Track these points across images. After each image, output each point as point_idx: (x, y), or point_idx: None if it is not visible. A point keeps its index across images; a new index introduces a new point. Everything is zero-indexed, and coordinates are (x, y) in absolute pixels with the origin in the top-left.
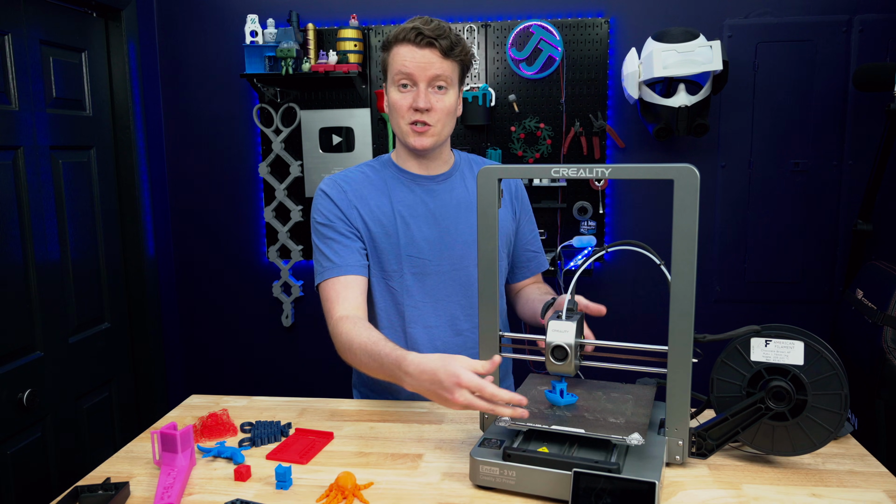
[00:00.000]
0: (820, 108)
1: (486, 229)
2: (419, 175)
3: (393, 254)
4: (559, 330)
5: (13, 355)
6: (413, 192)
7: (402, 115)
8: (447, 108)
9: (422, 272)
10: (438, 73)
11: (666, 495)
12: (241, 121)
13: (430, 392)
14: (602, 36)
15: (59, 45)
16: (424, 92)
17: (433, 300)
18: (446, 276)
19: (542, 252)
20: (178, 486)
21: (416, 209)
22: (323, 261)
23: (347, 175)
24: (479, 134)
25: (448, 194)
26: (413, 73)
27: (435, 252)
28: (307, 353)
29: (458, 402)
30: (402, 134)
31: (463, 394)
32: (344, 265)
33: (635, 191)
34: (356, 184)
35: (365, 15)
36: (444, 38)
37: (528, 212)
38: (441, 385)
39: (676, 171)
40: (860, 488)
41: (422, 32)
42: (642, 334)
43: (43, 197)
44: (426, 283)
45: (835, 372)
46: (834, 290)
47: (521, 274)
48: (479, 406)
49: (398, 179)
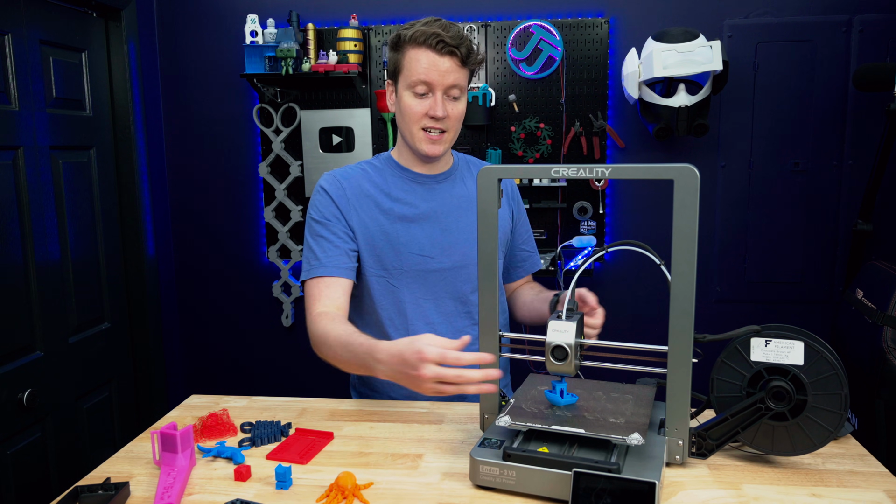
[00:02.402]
0: (820, 108)
1: (487, 229)
2: (420, 174)
3: (394, 252)
4: (559, 330)
5: (13, 355)
6: (414, 191)
7: (416, 121)
8: (460, 115)
9: (423, 270)
10: (456, 82)
11: (666, 495)
12: (241, 121)
13: (401, 376)
14: (602, 36)
15: (59, 45)
16: (442, 101)
17: (434, 298)
18: (448, 273)
19: (535, 252)
20: (178, 486)
21: (417, 207)
22: (311, 258)
23: (348, 172)
24: (479, 134)
25: (449, 192)
26: (433, 82)
27: (437, 250)
28: (307, 353)
29: (426, 376)
30: (415, 140)
31: (429, 367)
32: (330, 265)
33: (635, 191)
34: (356, 181)
35: (365, 15)
36: (464, 47)
37: (522, 212)
38: (408, 364)
39: (676, 171)
40: (860, 488)
41: (443, 40)
42: (642, 334)
43: (43, 197)
44: (428, 280)
45: (835, 372)
46: (834, 290)
47: (515, 273)
48: (448, 378)
49: (400, 178)
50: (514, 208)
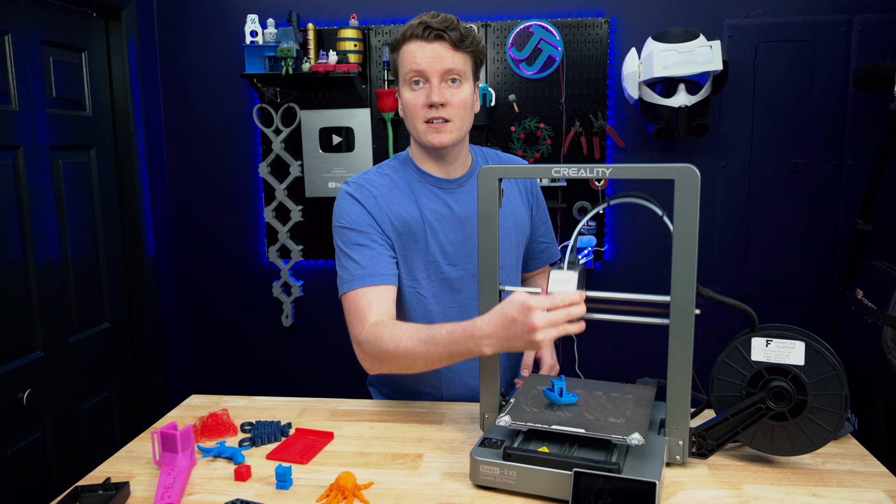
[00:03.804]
0: (820, 108)
1: (487, 229)
2: (441, 178)
3: (422, 260)
4: (561, 280)
5: (13, 355)
6: (437, 196)
7: (417, 114)
8: (463, 102)
9: (449, 277)
10: (450, 66)
11: (666, 495)
12: (241, 121)
13: (513, 339)
14: (602, 36)
15: (59, 45)
16: (438, 86)
17: (460, 305)
18: (472, 280)
19: (554, 243)
20: (179, 486)
21: (441, 214)
22: (353, 268)
23: (372, 179)
24: (479, 134)
25: (470, 196)
26: (424, 69)
27: (461, 256)
28: (307, 353)
29: (540, 325)
30: (419, 133)
31: (540, 315)
32: (377, 273)
33: (635, 191)
34: (384, 188)
35: (365, 15)
36: (453, 30)
37: (542, 205)
38: (517, 323)
39: (677, 171)
40: (860, 488)
41: (429, 26)
42: (643, 333)
43: (43, 197)
44: (454, 287)
45: (835, 373)
46: (834, 290)
47: (533, 264)
48: (559, 320)
49: (421, 183)
50: (532, 203)
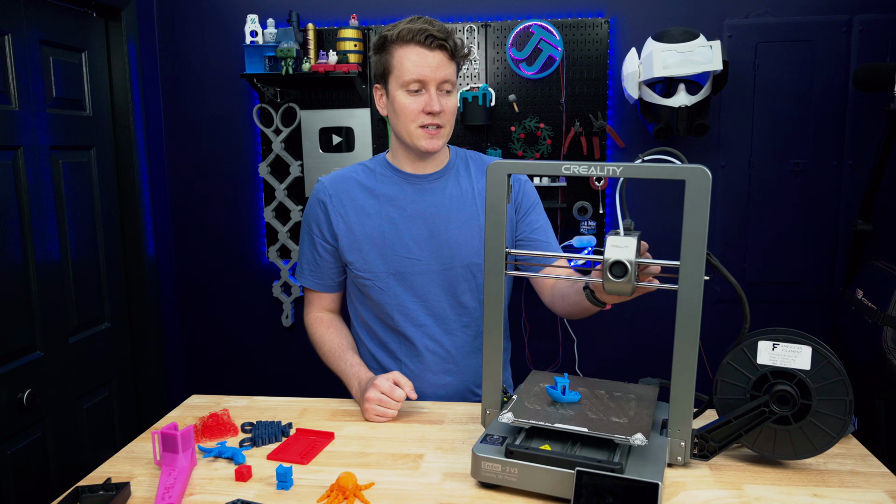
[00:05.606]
0: (820, 108)
1: (495, 224)
2: (412, 174)
3: (380, 255)
4: (619, 245)
5: (13, 355)
6: (404, 191)
7: (413, 118)
8: (454, 110)
9: (410, 272)
10: (448, 76)
11: (667, 495)
12: (241, 121)
13: (361, 401)
14: (602, 36)
15: (59, 45)
16: (436, 95)
17: (421, 300)
18: (434, 275)
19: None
20: (179, 486)
21: (405, 209)
22: (303, 263)
23: (338, 176)
24: (479, 134)
25: (440, 193)
26: (426, 78)
27: (424, 252)
28: (307, 353)
29: (370, 398)
30: (412, 136)
31: (373, 391)
32: (318, 283)
33: (635, 191)
34: (345, 185)
35: (365, 15)
36: (452, 40)
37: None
38: (362, 395)
39: (689, 171)
40: (861, 488)
41: (432, 34)
42: (646, 333)
43: (43, 197)
44: (414, 282)
45: (841, 378)
46: (834, 290)
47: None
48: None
49: (390, 178)
50: (519, 201)
